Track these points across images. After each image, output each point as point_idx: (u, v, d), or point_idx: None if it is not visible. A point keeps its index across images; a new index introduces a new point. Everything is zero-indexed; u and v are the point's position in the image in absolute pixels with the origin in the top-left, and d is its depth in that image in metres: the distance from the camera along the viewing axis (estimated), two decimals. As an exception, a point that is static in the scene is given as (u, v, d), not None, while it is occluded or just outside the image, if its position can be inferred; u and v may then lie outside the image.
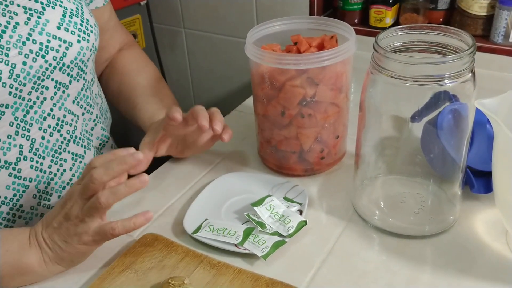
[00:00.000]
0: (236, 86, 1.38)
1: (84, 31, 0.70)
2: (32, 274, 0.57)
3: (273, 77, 0.66)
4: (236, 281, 0.55)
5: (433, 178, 0.65)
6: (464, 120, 0.57)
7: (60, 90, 0.69)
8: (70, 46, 0.68)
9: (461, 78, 0.53)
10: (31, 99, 0.66)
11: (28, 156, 0.67)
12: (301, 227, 0.62)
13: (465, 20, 1.00)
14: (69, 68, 0.69)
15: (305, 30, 0.73)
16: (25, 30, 0.64)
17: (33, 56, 0.64)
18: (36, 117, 0.67)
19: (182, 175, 0.76)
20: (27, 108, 0.66)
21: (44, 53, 0.65)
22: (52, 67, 0.67)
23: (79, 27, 0.69)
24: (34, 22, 0.65)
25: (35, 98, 0.66)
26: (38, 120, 0.68)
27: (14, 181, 0.67)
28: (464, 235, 0.61)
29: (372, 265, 0.58)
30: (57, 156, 0.71)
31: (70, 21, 0.68)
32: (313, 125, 0.69)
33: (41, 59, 0.65)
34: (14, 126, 0.65)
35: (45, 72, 0.66)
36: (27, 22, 0.64)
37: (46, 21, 0.66)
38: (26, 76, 0.64)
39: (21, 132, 0.66)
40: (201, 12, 1.30)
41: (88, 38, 0.71)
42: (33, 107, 0.67)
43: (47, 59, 0.66)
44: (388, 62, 0.54)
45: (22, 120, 0.66)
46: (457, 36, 0.56)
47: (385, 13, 1.06)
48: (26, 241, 0.57)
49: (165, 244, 0.61)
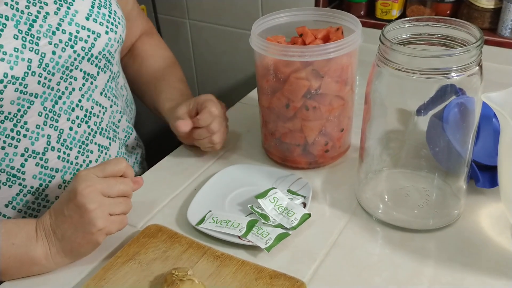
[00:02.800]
0: (240, 78, 1.38)
1: (112, 22, 0.71)
2: (39, 266, 0.58)
3: (278, 69, 0.66)
4: (240, 272, 0.56)
5: (438, 172, 0.65)
6: (470, 113, 0.57)
7: (88, 81, 0.70)
8: (98, 37, 0.69)
9: (468, 71, 0.53)
10: (60, 89, 0.67)
11: (55, 147, 0.68)
12: (304, 220, 0.62)
13: (472, 13, 0.99)
14: (97, 59, 0.70)
15: (310, 22, 0.72)
16: (55, 20, 0.65)
17: (63, 46, 0.65)
18: (65, 108, 0.68)
19: (186, 166, 0.76)
20: (56, 98, 0.67)
21: (73, 43, 0.66)
22: (80, 57, 0.67)
23: (107, 19, 0.70)
24: (64, 13, 0.66)
25: (63, 88, 0.67)
26: (66, 111, 0.68)
27: (41, 171, 0.68)
28: (468, 229, 0.61)
29: (376, 258, 0.58)
30: (84, 148, 0.71)
31: (98, 12, 0.69)
32: (318, 117, 0.68)
33: (70, 49, 0.66)
34: (43, 116, 0.66)
35: (74, 63, 0.67)
36: (57, 12, 0.65)
37: (75, 11, 0.67)
38: (55, 66, 0.65)
39: (49, 122, 0.67)
40: (206, 3, 1.30)
41: (116, 29, 0.71)
42: (61, 97, 0.67)
43: (76, 49, 0.66)
44: (394, 55, 0.54)
45: (50, 110, 0.67)
46: (465, 29, 0.56)
47: (392, 5, 1.05)
48: (33, 234, 0.58)
49: (169, 235, 0.61)
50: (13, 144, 0.65)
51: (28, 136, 0.65)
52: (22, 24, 0.62)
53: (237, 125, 0.86)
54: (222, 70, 1.39)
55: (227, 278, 0.55)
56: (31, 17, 0.63)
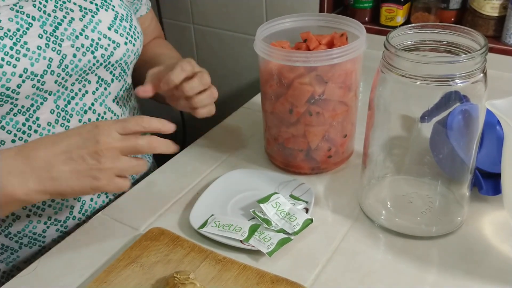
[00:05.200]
0: (244, 83, 1.38)
1: (132, 35, 0.73)
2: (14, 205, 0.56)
3: (282, 74, 0.66)
4: (241, 277, 0.55)
5: (441, 179, 0.65)
6: (474, 121, 0.57)
7: (102, 87, 0.72)
8: (118, 46, 0.71)
9: (472, 78, 0.53)
10: (74, 90, 0.69)
11: None
12: (306, 225, 0.62)
13: (476, 20, 1.00)
14: (113, 67, 0.72)
15: (315, 27, 0.73)
16: (79, 26, 0.68)
17: (84, 51, 0.68)
18: (77, 109, 0.70)
19: (189, 170, 0.76)
20: (69, 98, 0.68)
21: (94, 49, 0.68)
22: (98, 63, 0.70)
23: (128, 31, 0.73)
24: (88, 20, 0.69)
25: (77, 89, 0.69)
26: (78, 112, 0.70)
27: None
28: (471, 237, 0.61)
29: (378, 264, 0.58)
30: None
31: (120, 24, 0.72)
32: (321, 123, 0.68)
33: (90, 55, 0.68)
34: (55, 114, 0.68)
35: (92, 68, 0.69)
36: (82, 19, 0.68)
37: (99, 20, 0.69)
38: (74, 68, 0.67)
39: (61, 121, 0.68)
40: (211, 8, 1.30)
41: (135, 42, 0.74)
42: (74, 98, 0.69)
43: (96, 55, 0.69)
44: (398, 61, 0.54)
45: (63, 109, 0.68)
46: (469, 36, 0.56)
47: (396, 12, 1.05)
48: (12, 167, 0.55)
49: (171, 238, 0.61)
50: (24, 138, 0.66)
51: (39, 132, 0.67)
52: (48, 25, 0.65)
53: (241, 129, 0.86)
54: (226, 75, 1.39)
55: (228, 282, 0.55)
56: (57, 20, 0.66)
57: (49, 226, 0.72)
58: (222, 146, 0.82)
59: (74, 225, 0.73)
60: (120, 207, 0.70)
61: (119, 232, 0.65)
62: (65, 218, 0.72)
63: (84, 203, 0.73)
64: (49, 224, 0.71)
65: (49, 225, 0.71)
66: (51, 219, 0.71)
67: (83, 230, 0.66)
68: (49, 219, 0.71)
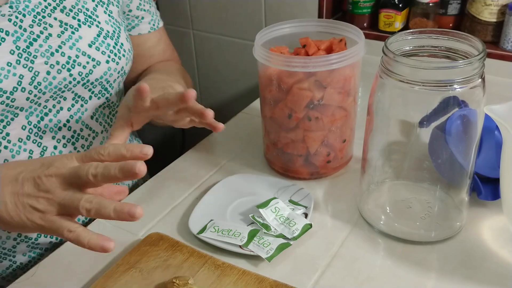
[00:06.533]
0: (243, 88, 1.38)
1: (115, 53, 0.70)
2: None
3: (281, 79, 0.66)
4: (240, 282, 0.55)
5: (440, 184, 0.65)
6: (473, 126, 0.57)
7: (78, 103, 0.70)
8: (97, 64, 0.68)
9: (471, 84, 0.53)
10: (47, 106, 0.67)
11: None
12: (306, 230, 0.62)
13: (475, 26, 1.00)
14: (92, 85, 0.70)
15: (314, 33, 0.73)
16: (56, 42, 0.65)
17: (59, 68, 0.65)
18: (51, 126, 0.68)
19: (188, 175, 0.76)
20: (42, 114, 0.66)
21: (70, 67, 0.66)
22: (75, 81, 0.67)
23: (111, 49, 0.70)
24: (67, 36, 0.66)
25: (51, 106, 0.67)
26: (52, 129, 0.68)
27: None
28: (470, 242, 0.61)
29: (377, 270, 0.58)
30: None
31: (103, 42, 0.69)
32: (320, 128, 0.68)
33: (66, 72, 0.66)
34: (27, 130, 0.66)
35: (68, 85, 0.67)
36: (60, 35, 0.66)
37: (79, 37, 0.67)
38: (47, 86, 0.65)
39: (33, 137, 0.66)
40: (210, 14, 1.31)
41: (119, 60, 0.71)
42: (48, 114, 0.67)
43: (72, 73, 0.66)
44: (397, 66, 0.54)
45: (35, 125, 0.66)
46: (467, 41, 0.56)
47: (395, 17, 1.05)
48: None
49: (170, 243, 0.61)
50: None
51: (9, 149, 0.65)
52: (22, 41, 0.63)
53: (240, 135, 0.86)
54: (225, 80, 1.40)
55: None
56: (33, 36, 0.64)
57: (19, 243, 0.70)
58: (221, 151, 0.82)
59: (47, 242, 0.72)
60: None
61: (118, 237, 0.65)
62: (36, 235, 0.70)
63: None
64: (19, 241, 0.70)
65: (19, 241, 0.70)
66: (21, 235, 0.69)
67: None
68: (19, 235, 0.69)
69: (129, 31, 0.80)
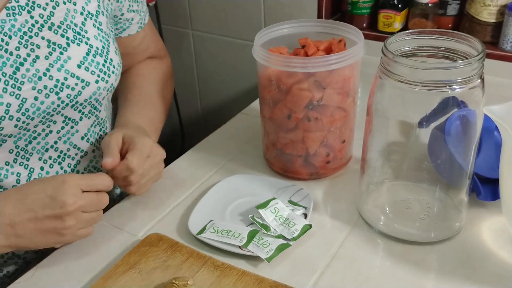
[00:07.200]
0: (242, 89, 1.38)
1: (105, 72, 0.68)
2: None
3: (280, 80, 0.66)
4: (240, 282, 0.55)
5: (439, 184, 0.65)
6: (472, 126, 0.57)
7: (68, 125, 0.68)
8: (87, 85, 0.66)
9: (470, 84, 0.53)
10: (36, 131, 0.65)
11: None
12: (305, 231, 0.62)
13: (474, 27, 1.00)
14: (81, 106, 0.67)
15: (313, 33, 0.73)
16: (44, 65, 0.62)
17: (47, 92, 0.63)
18: (38, 148, 0.66)
19: (188, 176, 0.76)
20: (30, 138, 0.65)
21: (58, 90, 0.63)
22: (64, 104, 0.65)
23: (101, 68, 0.67)
24: (55, 58, 0.63)
25: (40, 130, 0.65)
26: (39, 151, 0.66)
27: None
28: (469, 242, 0.61)
29: (376, 270, 0.58)
30: None
31: (92, 61, 0.66)
32: (320, 129, 0.68)
33: (54, 96, 0.63)
34: (14, 154, 0.64)
35: (56, 109, 0.64)
36: (48, 57, 0.63)
37: (67, 57, 0.64)
38: (35, 111, 0.62)
39: (19, 160, 0.65)
40: (209, 14, 1.31)
41: (108, 78, 0.69)
42: (36, 138, 0.65)
43: (61, 96, 0.64)
44: (396, 67, 0.54)
45: (23, 149, 0.65)
46: (467, 42, 0.56)
47: (394, 18, 1.05)
48: None
49: (170, 244, 0.61)
50: None
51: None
52: (8, 66, 0.60)
53: (239, 135, 0.86)
54: (225, 80, 1.40)
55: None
56: (19, 59, 0.61)
57: (6, 261, 0.70)
58: (220, 152, 0.82)
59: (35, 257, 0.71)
60: (119, 213, 0.70)
61: (117, 238, 0.65)
62: (23, 252, 0.70)
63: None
64: (6, 259, 0.70)
65: (6, 259, 0.70)
66: (8, 253, 0.69)
67: (81, 236, 0.66)
68: (7, 253, 0.69)
69: (119, 34, 0.79)
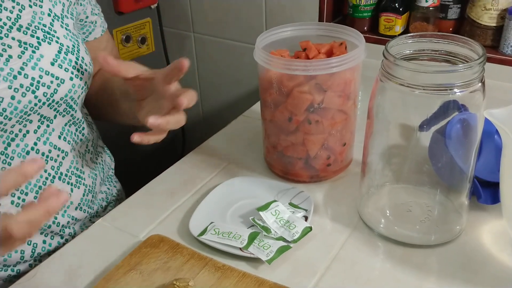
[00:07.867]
0: (243, 91, 1.39)
1: (78, 69, 0.68)
2: None
3: (281, 82, 0.67)
4: (241, 284, 0.55)
5: (440, 188, 0.65)
6: (472, 130, 0.57)
7: (44, 124, 0.67)
8: (62, 83, 0.66)
9: (471, 88, 0.53)
10: (13, 131, 0.64)
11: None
12: (306, 233, 0.62)
13: (474, 31, 1.00)
14: (57, 104, 0.67)
15: (314, 36, 0.73)
16: (18, 64, 0.62)
17: (23, 91, 0.62)
18: (18, 151, 0.65)
19: (189, 178, 0.77)
20: (9, 140, 0.64)
21: (35, 89, 0.63)
22: (41, 103, 0.64)
23: (74, 65, 0.67)
24: (28, 57, 0.63)
25: (17, 130, 0.64)
26: (20, 154, 0.65)
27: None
28: (470, 246, 0.61)
29: (377, 273, 0.58)
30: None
31: (65, 58, 0.66)
32: (320, 131, 0.69)
33: (31, 95, 0.63)
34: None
35: (33, 108, 0.64)
36: (21, 56, 0.62)
37: (40, 56, 0.64)
38: (13, 111, 0.62)
39: (1, 165, 0.64)
40: (211, 17, 1.31)
41: (82, 76, 0.68)
42: (15, 139, 0.64)
43: (37, 94, 0.63)
44: (397, 70, 0.54)
45: (3, 153, 0.64)
46: (467, 46, 0.56)
47: (395, 21, 1.06)
48: None
49: (171, 246, 0.61)
50: None
51: None
52: None
53: (240, 137, 0.87)
54: (226, 83, 1.40)
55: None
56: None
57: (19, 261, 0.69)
58: (221, 154, 0.82)
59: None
60: (120, 214, 0.70)
61: (118, 239, 0.65)
62: (15, 262, 0.69)
63: (36, 246, 0.69)
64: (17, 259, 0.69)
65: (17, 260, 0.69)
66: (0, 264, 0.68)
67: (82, 237, 0.66)
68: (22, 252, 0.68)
69: (86, 38, 0.78)
